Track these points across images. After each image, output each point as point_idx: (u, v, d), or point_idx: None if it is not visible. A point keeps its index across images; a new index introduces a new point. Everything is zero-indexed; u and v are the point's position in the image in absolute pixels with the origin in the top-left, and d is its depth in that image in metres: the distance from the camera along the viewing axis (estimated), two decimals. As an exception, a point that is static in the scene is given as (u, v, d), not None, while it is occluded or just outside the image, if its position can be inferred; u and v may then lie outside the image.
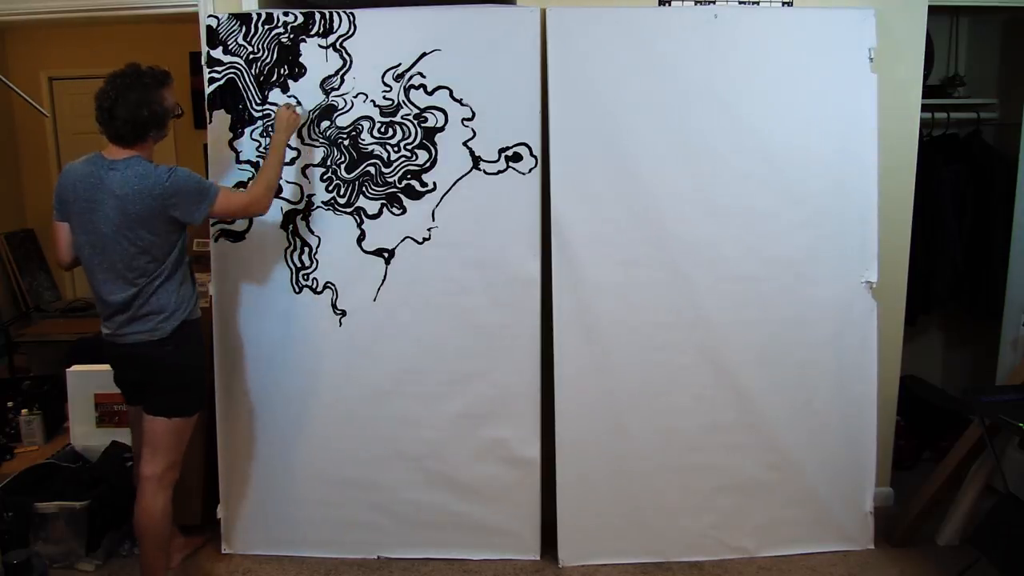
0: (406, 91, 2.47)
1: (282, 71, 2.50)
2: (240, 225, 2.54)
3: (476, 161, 2.48)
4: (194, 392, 2.28)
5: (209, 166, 2.57)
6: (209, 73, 2.52)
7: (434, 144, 2.48)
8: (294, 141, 2.50)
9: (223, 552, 2.66)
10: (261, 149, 2.51)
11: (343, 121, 2.49)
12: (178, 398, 2.23)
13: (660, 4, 2.65)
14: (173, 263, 2.16)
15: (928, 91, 3.05)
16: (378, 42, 2.47)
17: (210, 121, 2.53)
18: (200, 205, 2.12)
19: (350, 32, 2.47)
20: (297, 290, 2.55)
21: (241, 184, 2.52)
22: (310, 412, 2.59)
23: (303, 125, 2.49)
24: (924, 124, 2.93)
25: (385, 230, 2.51)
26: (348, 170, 2.51)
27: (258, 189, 2.28)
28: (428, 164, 2.49)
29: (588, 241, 2.49)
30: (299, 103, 2.47)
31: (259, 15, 2.49)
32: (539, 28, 2.44)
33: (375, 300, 2.53)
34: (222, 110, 2.52)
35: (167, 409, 2.21)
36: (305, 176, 2.52)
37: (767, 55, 2.48)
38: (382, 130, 2.49)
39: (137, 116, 2.06)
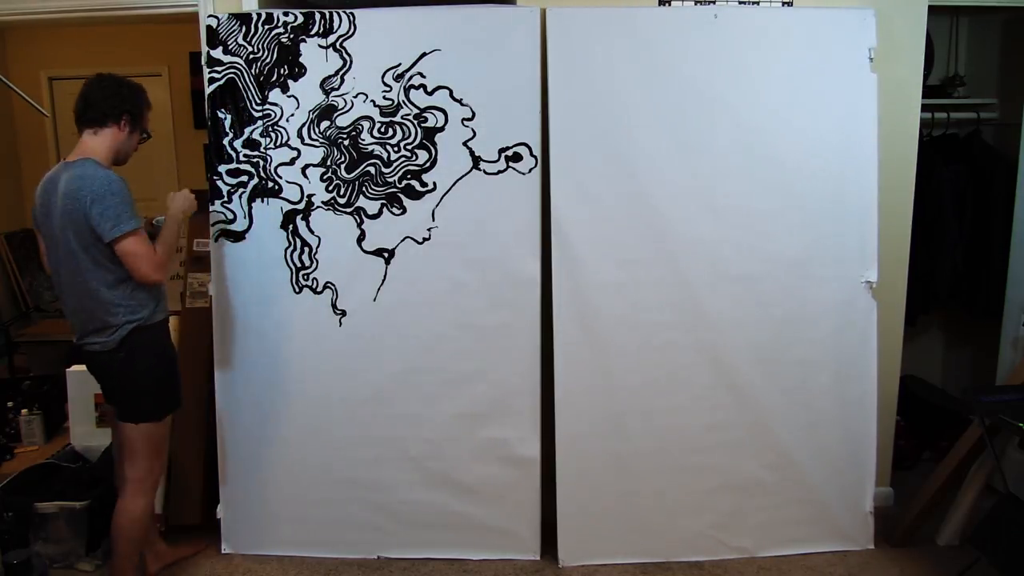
0: (406, 91, 2.47)
1: (282, 71, 2.50)
2: (240, 225, 2.54)
3: (476, 161, 2.48)
4: (157, 397, 2.22)
5: (208, 166, 2.57)
6: (209, 73, 2.52)
7: (434, 144, 2.48)
8: (295, 141, 2.50)
9: (223, 552, 2.66)
10: (261, 149, 2.51)
11: (343, 121, 2.49)
12: (140, 403, 2.19)
13: (660, 4, 2.65)
14: (108, 273, 2.08)
15: (928, 91, 3.06)
16: (378, 42, 2.47)
17: (210, 121, 2.53)
18: (115, 224, 2.01)
19: (350, 32, 2.47)
20: (297, 290, 2.55)
21: (242, 185, 2.52)
22: (310, 412, 2.58)
23: (303, 125, 2.49)
24: (924, 124, 2.93)
25: (385, 230, 2.51)
26: (348, 170, 2.51)
27: (161, 257, 2.14)
28: (428, 164, 2.49)
29: (588, 241, 2.49)
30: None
31: (259, 15, 2.49)
32: (539, 28, 2.44)
33: (375, 300, 2.53)
34: (222, 110, 2.52)
35: (133, 415, 2.19)
36: (305, 176, 2.52)
37: (767, 55, 2.48)
38: (382, 130, 2.49)
39: (108, 94, 2.09)
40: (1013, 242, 2.88)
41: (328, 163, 2.51)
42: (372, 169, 2.51)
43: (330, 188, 2.52)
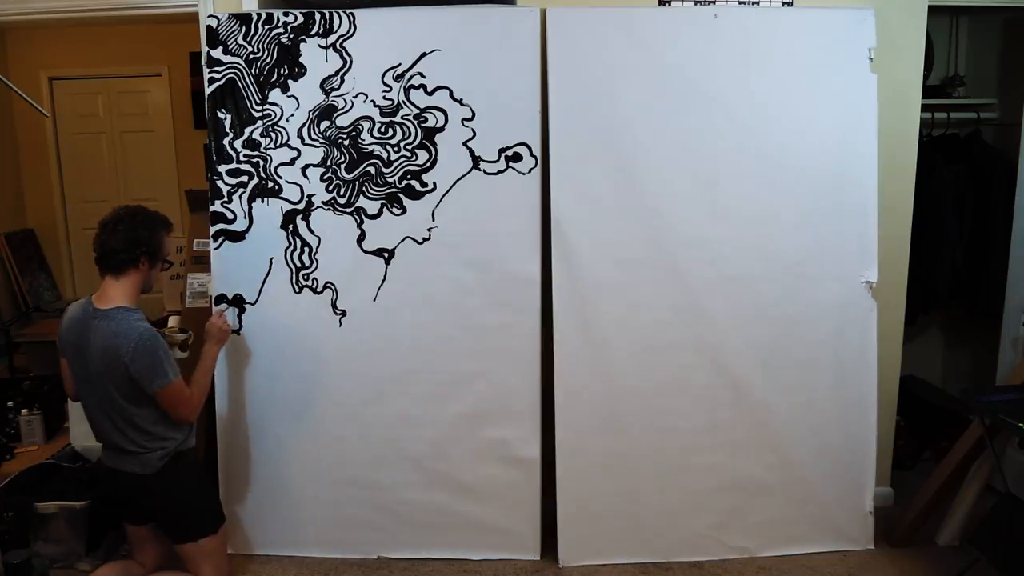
0: (406, 91, 2.48)
1: (282, 71, 2.50)
2: (240, 225, 2.54)
3: (476, 161, 2.48)
4: (206, 511, 2.33)
5: (208, 166, 2.57)
6: (209, 73, 2.52)
7: (434, 144, 2.48)
8: (295, 141, 2.50)
9: (223, 552, 2.66)
10: (261, 149, 2.51)
11: (343, 121, 2.50)
12: (196, 520, 2.29)
13: (660, 4, 2.65)
14: (150, 412, 2.15)
15: (928, 91, 3.05)
16: (378, 42, 2.47)
17: (210, 121, 2.53)
18: (154, 379, 2.09)
19: (350, 32, 2.47)
20: (297, 290, 2.55)
21: (242, 185, 2.53)
22: (310, 412, 2.59)
23: (303, 125, 2.50)
24: (924, 124, 2.93)
25: (385, 230, 2.51)
26: (348, 170, 2.51)
27: (197, 395, 2.23)
28: (428, 164, 2.49)
29: (588, 241, 2.49)
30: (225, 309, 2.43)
31: (259, 15, 2.49)
32: (539, 28, 2.44)
33: (375, 300, 2.53)
34: (222, 110, 2.52)
35: (192, 532, 2.27)
36: (305, 176, 2.52)
37: (767, 55, 2.48)
38: (382, 130, 2.49)
39: (124, 240, 2.10)
40: (1013, 242, 2.88)
41: (328, 163, 2.51)
42: (372, 169, 2.51)
43: (330, 188, 2.52)
